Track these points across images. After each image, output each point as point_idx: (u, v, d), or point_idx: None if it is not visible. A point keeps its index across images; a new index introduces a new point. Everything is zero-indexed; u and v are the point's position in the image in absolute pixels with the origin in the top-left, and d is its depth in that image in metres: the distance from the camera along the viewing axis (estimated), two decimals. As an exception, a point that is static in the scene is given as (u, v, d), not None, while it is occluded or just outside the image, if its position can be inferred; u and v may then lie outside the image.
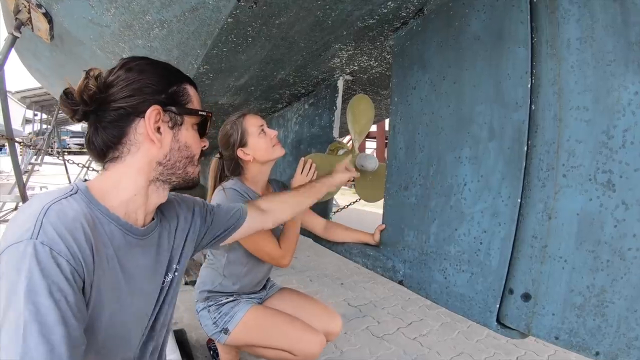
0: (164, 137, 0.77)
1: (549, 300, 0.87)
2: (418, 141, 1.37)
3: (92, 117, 0.75)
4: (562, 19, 0.85)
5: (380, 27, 1.47)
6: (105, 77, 0.75)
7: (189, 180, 0.84)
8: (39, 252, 0.57)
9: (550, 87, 0.89)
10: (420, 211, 1.33)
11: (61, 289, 0.58)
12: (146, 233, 0.82)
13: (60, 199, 0.67)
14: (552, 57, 0.89)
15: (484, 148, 1.09)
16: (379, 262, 1.49)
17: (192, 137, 0.83)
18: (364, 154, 1.84)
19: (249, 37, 1.51)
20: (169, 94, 0.78)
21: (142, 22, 1.54)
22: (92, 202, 0.72)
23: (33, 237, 0.58)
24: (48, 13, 1.87)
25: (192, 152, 0.83)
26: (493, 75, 1.05)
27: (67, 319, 0.57)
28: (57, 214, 0.63)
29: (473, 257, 1.08)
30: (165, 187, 0.82)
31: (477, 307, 1.03)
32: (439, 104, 1.27)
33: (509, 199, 1.00)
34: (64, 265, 0.59)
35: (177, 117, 0.80)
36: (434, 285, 1.20)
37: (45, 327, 0.55)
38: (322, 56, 1.75)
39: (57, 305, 0.56)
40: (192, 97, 0.83)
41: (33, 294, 0.55)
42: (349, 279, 3.30)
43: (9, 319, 0.55)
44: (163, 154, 0.78)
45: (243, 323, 1.47)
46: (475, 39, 1.10)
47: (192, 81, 0.86)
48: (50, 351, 0.54)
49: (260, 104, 2.50)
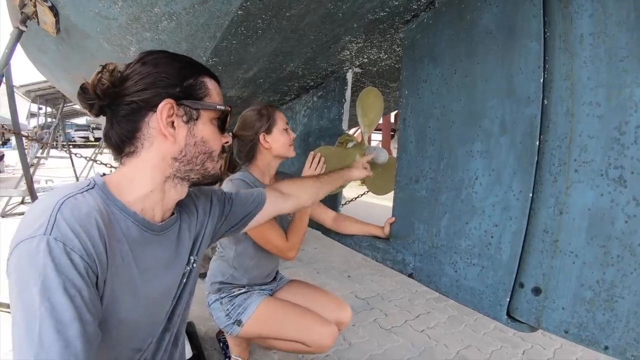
0: (178, 132, 0.75)
1: (559, 295, 0.88)
2: (429, 134, 1.37)
3: (108, 111, 0.75)
4: (575, 14, 0.85)
5: (391, 19, 1.47)
6: (121, 71, 0.74)
7: (209, 177, 0.82)
8: (53, 248, 0.57)
9: (563, 82, 0.89)
10: (430, 204, 1.34)
11: (75, 285, 0.58)
12: (164, 228, 0.81)
13: (75, 194, 0.66)
14: (565, 52, 0.88)
15: (496, 142, 1.09)
16: (389, 255, 1.50)
17: (211, 131, 0.80)
18: (374, 146, 1.85)
19: (258, 30, 1.51)
20: (184, 87, 0.76)
21: (150, 14, 1.54)
22: (109, 198, 0.72)
23: (46, 232, 0.58)
24: (54, 6, 1.87)
25: (210, 147, 0.80)
26: (505, 70, 1.05)
27: (82, 315, 0.57)
28: (70, 210, 0.62)
29: (484, 251, 1.09)
30: (183, 184, 0.81)
31: (488, 300, 1.04)
32: (450, 98, 1.27)
33: (521, 193, 1.00)
34: (77, 261, 0.59)
35: (192, 112, 0.77)
36: (444, 278, 1.21)
37: (60, 323, 0.55)
38: (332, 48, 1.75)
39: (72, 301, 0.56)
40: (210, 91, 0.81)
41: (48, 290, 0.55)
42: (356, 271, 3.32)
43: (23, 315, 0.54)
44: (178, 149, 0.76)
45: (256, 315, 1.50)
46: (487, 33, 1.10)
47: (212, 74, 0.83)
48: (66, 347, 0.54)
49: (269, 96, 2.51)
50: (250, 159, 1.61)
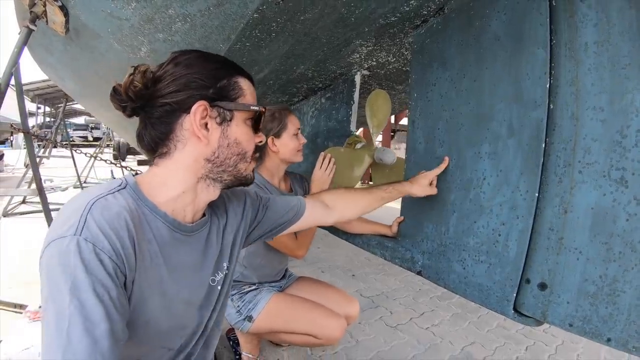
0: (211, 134, 0.75)
1: (564, 289, 0.92)
2: (438, 136, 1.42)
3: (142, 112, 0.75)
4: (580, 24, 0.90)
5: (401, 24, 1.52)
6: (154, 72, 0.73)
7: (242, 178, 0.82)
8: (83, 249, 0.58)
9: (568, 87, 0.94)
10: (439, 204, 1.38)
11: (104, 285, 0.59)
12: (194, 230, 0.81)
13: (106, 194, 0.67)
14: (570, 59, 0.93)
15: (504, 144, 1.13)
16: (397, 253, 1.55)
17: (244, 132, 0.79)
18: (383, 147, 1.90)
19: (272, 33, 1.55)
20: (218, 88, 0.75)
21: (164, 15, 1.57)
22: (140, 198, 0.73)
23: (77, 233, 0.59)
24: (64, 6, 1.88)
25: (244, 148, 0.79)
26: (512, 75, 1.09)
27: (110, 314, 0.58)
28: (101, 211, 0.63)
29: (491, 249, 1.13)
30: (216, 185, 0.80)
31: (495, 296, 1.09)
32: (459, 101, 1.31)
33: (527, 193, 1.05)
34: (106, 262, 0.60)
35: (226, 113, 0.76)
36: (452, 275, 1.26)
37: (89, 322, 0.56)
38: (343, 52, 1.80)
39: (100, 300, 0.57)
40: (244, 91, 0.79)
41: (77, 290, 0.56)
42: (359, 270, 3.37)
43: (52, 313, 0.56)
44: (211, 150, 0.76)
45: (267, 310, 1.54)
46: (496, 39, 1.14)
47: (246, 73, 0.82)
48: (94, 345, 0.55)
49: (277, 97, 2.55)
50: (261, 159, 1.65)
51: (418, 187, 1.32)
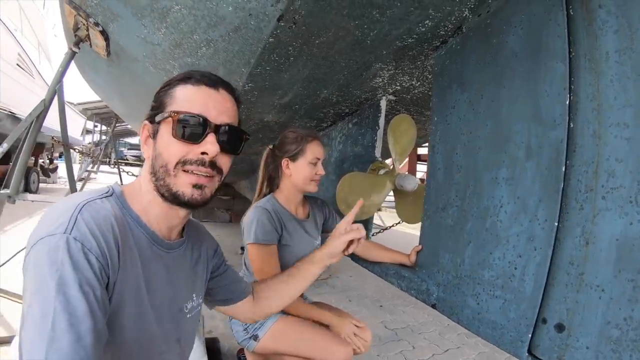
0: (148, 148, 0.78)
1: (583, 332, 0.79)
2: (456, 161, 1.33)
3: None
4: (599, 31, 0.81)
5: (420, 46, 1.47)
6: None
7: (173, 194, 0.74)
8: (71, 247, 0.59)
9: (589, 103, 0.84)
10: (456, 233, 1.28)
11: (90, 284, 0.59)
12: (172, 247, 0.81)
13: (95, 199, 0.69)
14: (591, 71, 0.84)
15: (521, 168, 1.04)
16: (413, 284, 1.44)
17: (165, 143, 0.74)
18: (404, 174, 1.82)
19: (290, 57, 1.56)
20: (157, 104, 0.77)
21: (190, 41, 1.64)
22: (125, 207, 0.75)
23: (67, 231, 0.60)
24: (105, 31, 2.01)
25: (164, 160, 0.74)
26: (531, 93, 1.01)
27: (94, 312, 0.58)
28: (90, 213, 0.65)
29: (507, 283, 1.02)
30: (162, 199, 0.76)
31: (509, 335, 0.96)
32: (476, 123, 1.23)
33: (546, 222, 0.94)
34: (93, 262, 0.61)
35: (155, 126, 0.76)
36: (466, 310, 1.14)
37: (74, 317, 0.56)
38: (364, 75, 1.78)
39: (86, 298, 0.58)
40: (175, 99, 0.75)
41: (64, 285, 0.56)
42: (388, 301, 3.21)
43: (37, 308, 0.56)
44: (150, 164, 0.77)
45: (272, 331, 1.49)
46: (513, 56, 1.07)
47: (189, 78, 0.76)
48: (77, 340, 0.55)
49: (305, 122, 2.56)
50: (277, 180, 1.62)
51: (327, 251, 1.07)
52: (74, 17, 1.99)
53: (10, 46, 6.96)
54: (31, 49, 8.22)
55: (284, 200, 1.60)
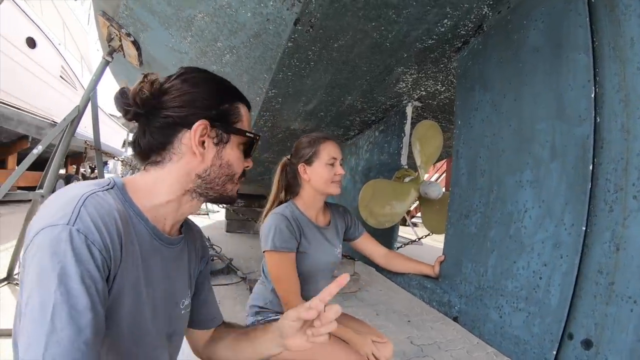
0: (206, 152, 0.77)
1: (613, 350, 0.70)
2: (479, 165, 1.27)
3: (143, 119, 0.77)
4: (622, 16, 0.74)
5: (441, 47, 1.42)
6: (161, 84, 0.76)
7: (226, 197, 0.83)
8: (75, 239, 0.58)
9: (616, 94, 0.77)
10: (479, 241, 1.21)
11: (92, 277, 0.58)
12: (172, 242, 0.81)
13: (98, 190, 0.67)
14: (616, 60, 0.76)
15: (546, 169, 0.96)
16: (436, 296, 1.37)
17: (236, 156, 0.81)
18: (428, 181, 1.75)
19: (310, 61, 1.56)
20: (220, 110, 0.77)
21: (214, 48, 1.68)
22: (127, 200, 0.73)
23: (70, 223, 0.59)
24: (136, 41, 2.10)
25: (234, 170, 0.81)
26: (554, 88, 0.94)
27: (95, 305, 0.58)
28: (94, 205, 0.63)
29: (531, 294, 0.93)
30: (200, 199, 0.81)
31: (532, 352, 0.88)
32: (499, 124, 1.17)
33: (573, 227, 0.86)
34: (96, 255, 0.60)
35: (223, 135, 0.78)
36: (488, 324, 1.06)
37: (74, 310, 0.55)
38: (387, 80, 1.74)
39: (87, 291, 0.57)
40: (242, 117, 0.82)
41: (66, 277, 0.56)
42: (417, 317, 3.07)
43: (37, 299, 0.55)
44: (203, 168, 0.77)
45: None
46: (534, 51, 1.00)
47: (246, 101, 0.85)
48: (77, 334, 0.54)
49: (332, 130, 2.54)
50: (298, 187, 1.59)
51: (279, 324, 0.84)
52: (107, 28, 2.09)
53: (54, 59, 7.46)
54: (74, 62, 8.77)
55: (304, 206, 1.57)
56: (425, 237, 3.00)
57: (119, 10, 1.94)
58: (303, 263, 1.48)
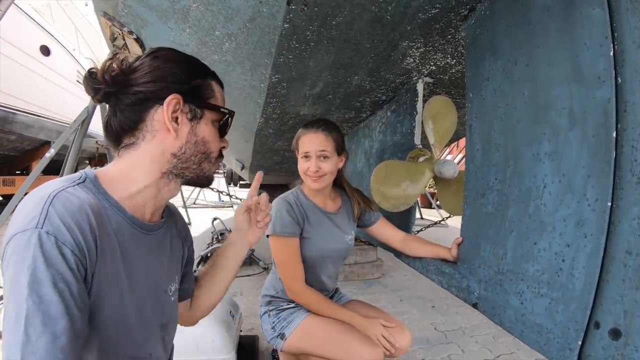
0: (180, 128, 0.74)
1: (645, 340, 0.63)
2: (494, 139, 1.18)
3: (113, 99, 0.74)
4: (641, -43, 0.64)
5: (446, 17, 1.32)
6: (131, 62, 0.74)
7: (203, 177, 0.80)
8: (44, 242, 0.56)
9: (637, 50, 0.67)
10: (497, 221, 1.13)
11: (65, 280, 0.57)
12: (152, 229, 0.78)
13: (67, 187, 0.65)
14: (635, 12, 0.67)
15: (565, 139, 0.87)
16: (454, 281, 1.30)
17: (211, 133, 0.79)
18: (443, 160, 1.66)
19: (310, 42, 1.49)
20: (192, 85, 0.76)
21: (213, 37, 1.63)
22: (100, 192, 0.70)
23: (38, 226, 0.57)
24: (139, 38, 2.07)
25: (210, 148, 0.79)
26: (568, 49, 0.84)
27: (70, 309, 0.56)
28: (63, 203, 0.61)
29: (554, 279, 0.85)
30: (177, 181, 0.78)
31: (556, 342, 0.80)
32: (512, 93, 1.07)
33: (596, 202, 0.77)
34: (68, 256, 0.58)
35: (197, 110, 0.76)
36: (509, 311, 0.99)
37: (48, 317, 0.54)
38: (393, 56, 1.65)
39: (61, 295, 0.55)
40: (216, 94, 0.80)
41: (37, 284, 0.54)
42: (441, 302, 2.97)
43: (11, 308, 0.54)
44: (178, 145, 0.75)
45: (299, 329, 1.42)
46: (545, 10, 0.90)
47: (218, 78, 0.83)
48: (53, 342, 0.53)
49: (343, 113, 2.46)
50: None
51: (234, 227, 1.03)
52: (109, 28, 2.08)
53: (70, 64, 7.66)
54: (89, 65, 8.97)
55: (310, 192, 1.52)
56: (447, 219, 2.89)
57: (119, 9, 1.92)
58: (307, 248, 1.45)
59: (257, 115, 2.43)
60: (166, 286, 0.83)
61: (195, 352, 1.45)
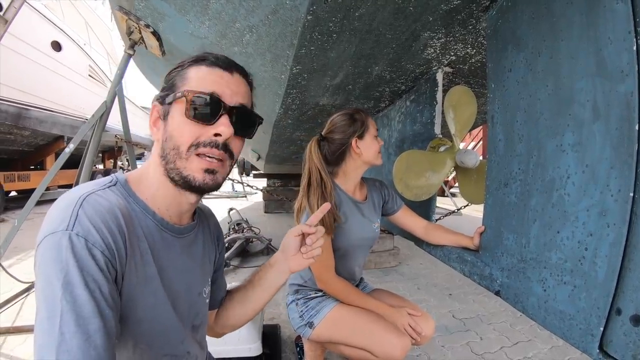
0: (158, 131, 0.73)
1: (666, 325, 0.66)
2: (517, 130, 1.19)
3: None
4: (667, -45, 0.65)
5: (468, 7, 1.33)
6: None
7: (184, 178, 0.72)
8: (75, 244, 0.57)
9: (662, 45, 0.69)
10: (520, 211, 1.15)
11: (96, 280, 0.58)
12: (182, 232, 0.79)
13: (97, 190, 0.66)
14: (661, 6, 0.68)
15: (588, 131, 0.89)
16: (476, 269, 1.33)
17: (177, 124, 0.71)
18: (464, 149, 1.68)
19: (333, 33, 1.51)
20: (168, 86, 0.74)
21: (233, 29, 1.66)
22: (130, 195, 0.72)
23: (69, 228, 0.58)
24: (156, 31, 2.09)
25: (175, 142, 0.71)
26: (592, 42, 0.85)
27: (102, 309, 0.57)
28: (92, 205, 0.62)
29: (576, 266, 0.88)
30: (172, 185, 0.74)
31: (578, 328, 0.84)
32: (536, 85, 1.09)
33: (619, 193, 0.79)
34: (98, 257, 0.59)
35: (166, 107, 0.73)
36: (532, 298, 1.02)
37: (81, 317, 0.55)
38: (414, 47, 1.66)
39: (92, 296, 0.56)
40: (189, 78, 0.73)
41: (69, 285, 0.55)
42: (458, 290, 3.00)
43: (45, 310, 0.55)
44: (160, 147, 0.73)
45: (327, 319, 1.46)
46: (569, 3, 0.91)
47: (203, 60, 0.74)
48: (86, 340, 0.54)
49: (362, 103, 2.48)
50: (337, 163, 1.56)
51: (280, 249, 0.94)
52: (125, 22, 2.10)
53: (81, 59, 7.79)
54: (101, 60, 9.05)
55: (342, 182, 1.56)
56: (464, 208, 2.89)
57: (135, 3, 1.94)
58: (340, 239, 1.48)
59: (277, 106, 2.46)
60: (200, 289, 0.85)
61: (222, 342, 1.52)
